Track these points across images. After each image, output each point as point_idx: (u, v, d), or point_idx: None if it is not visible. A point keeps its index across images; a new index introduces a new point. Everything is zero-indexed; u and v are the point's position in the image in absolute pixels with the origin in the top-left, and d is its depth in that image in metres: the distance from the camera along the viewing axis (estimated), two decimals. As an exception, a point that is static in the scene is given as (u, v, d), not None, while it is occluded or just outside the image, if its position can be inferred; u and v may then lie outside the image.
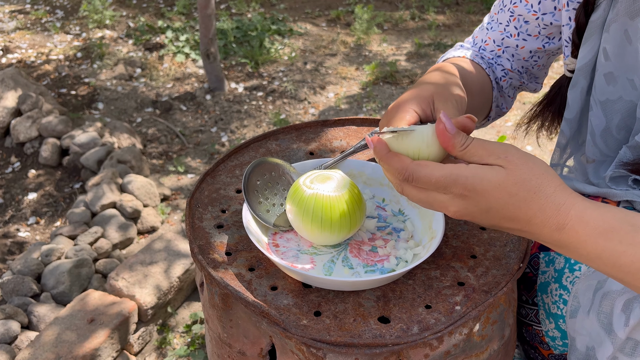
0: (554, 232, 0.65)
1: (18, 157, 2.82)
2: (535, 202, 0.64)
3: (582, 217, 0.64)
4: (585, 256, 0.65)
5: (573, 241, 0.64)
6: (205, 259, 0.84)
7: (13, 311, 1.81)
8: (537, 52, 1.07)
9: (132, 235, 2.26)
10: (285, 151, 1.07)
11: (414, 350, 0.73)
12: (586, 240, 0.64)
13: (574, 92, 0.94)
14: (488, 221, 0.67)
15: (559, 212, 0.64)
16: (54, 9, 4.47)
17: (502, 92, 1.14)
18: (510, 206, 0.65)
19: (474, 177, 0.65)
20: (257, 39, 3.83)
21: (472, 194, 0.65)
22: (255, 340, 0.81)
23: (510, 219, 0.66)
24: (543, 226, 0.65)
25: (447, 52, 1.14)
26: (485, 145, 0.67)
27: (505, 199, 0.65)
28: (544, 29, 1.02)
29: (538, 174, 0.65)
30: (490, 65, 1.11)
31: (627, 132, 0.91)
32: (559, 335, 0.92)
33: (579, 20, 0.90)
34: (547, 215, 0.64)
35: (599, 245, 0.64)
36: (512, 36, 1.06)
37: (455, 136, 0.68)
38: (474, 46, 1.13)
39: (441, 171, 0.66)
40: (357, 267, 0.83)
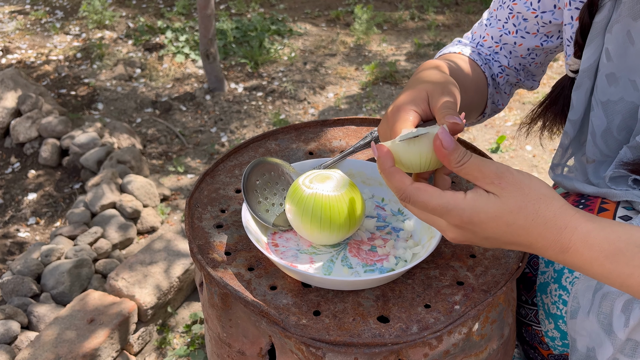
0: (558, 254, 0.65)
1: (18, 158, 2.82)
2: (534, 228, 0.64)
3: (586, 241, 0.64)
4: (592, 275, 0.65)
5: (578, 263, 0.64)
6: (204, 258, 0.84)
7: (13, 311, 1.81)
8: (534, 49, 1.07)
9: (131, 235, 2.26)
10: (284, 151, 1.07)
11: (413, 350, 0.73)
12: (592, 263, 0.64)
13: (578, 94, 0.94)
14: (486, 245, 0.68)
15: (561, 236, 0.64)
16: (53, 9, 4.48)
17: (499, 88, 1.13)
18: (509, 235, 0.65)
19: (470, 209, 0.65)
20: (256, 39, 3.84)
21: (468, 225, 0.66)
22: (254, 340, 0.82)
23: (511, 243, 0.66)
24: (546, 249, 0.65)
25: (444, 48, 1.13)
26: (481, 167, 0.66)
27: (503, 228, 0.65)
28: (542, 26, 1.02)
29: (535, 199, 0.65)
30: (487, 61, 1.11)
31: (628, 133, 0.90)
32: (558, 336, 0.92)
33: (583, 21, 0.90)
34: (548, 241, 0.64)
35: (606, 268, 0.63)
36: (510, 33, 1.06)
37: (452, 152, 0.67)
38: (472, 42, 1.13)
39: (438, 200, 0.66)
40: (357, 266, 0.83)
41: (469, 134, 3.02)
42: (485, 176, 0.66)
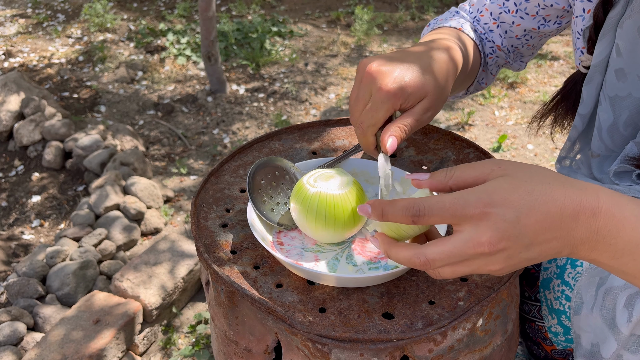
0: (590, 220, 0.58)
1: (21, 161, 2.84)
2: (556, 190, 0.59)
3: (614, 200, 0.59)
4: (622, 248, 0.59)
5: (611, 228, 0.58)
6: (211, 257, 0.85)
7: (19, 313, 1.82)
8: (531, 32, 1.07)
9: (135, 236, 2.27)
10: (288, 151, 1.08)
11: (418, 345, 0.74)
12: (624, 225, 0.58)
13: (589, 88, 0.94)
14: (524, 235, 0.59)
15: (587, 193, 0.59)
16: (55, 12, 4.49)
17: (486, 68, 1.14)
18: (535, 203, 0.59)
19: (486, 191, 0.59)
20: (257, 40, 3.85)
21: (492, 208, 0.58)
22: (261, 337, 0.82)
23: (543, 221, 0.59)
24: (578, 216, 0.58)
25: (442, 16, 1.12)
26: (471, 166, 0.63)
27: (526, 198, 0.59)
28: (542, 9, 1.02)
29: (538, 169, 0.62)
30: (482, 40, 1.11)
31: (634, 129, 0.91)
32: (561, 331, 0.93)
33: (597, 18, 0.90)
34: (577, 202, 0.58)
35: (638, 230, 0.58)
36: (509, 12, 1.05)
37: (435, 176, 0.64)
38: (469, 14, 1.12)
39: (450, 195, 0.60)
40: (361, 264, 0.84)
41: (470, 133, 3.03)
42: (483, 170, 0.62)
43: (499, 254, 0.59)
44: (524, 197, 0.59)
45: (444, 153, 1.05)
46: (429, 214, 0.61)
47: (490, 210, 0.58)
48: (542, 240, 0.59)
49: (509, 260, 0.60)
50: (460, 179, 0.63)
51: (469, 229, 0.59)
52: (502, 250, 0.59)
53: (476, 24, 1.11)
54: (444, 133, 1.10)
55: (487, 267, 0.61)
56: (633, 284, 0.62)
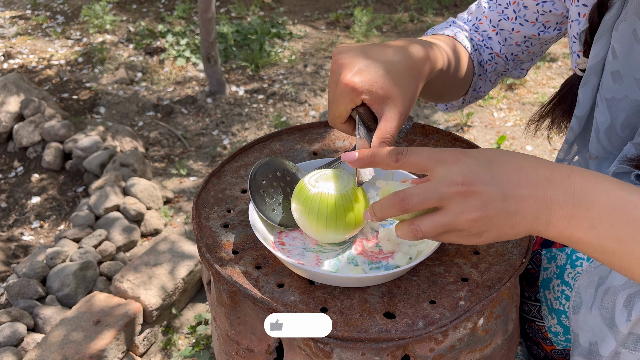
0: (564, 182, 0.61)
1: (21, 162, 2.84)
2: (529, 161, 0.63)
3: (587, 170, 0.62)
4: (598, 212, 0.59)
5: (587, 191, 0.60)
6: (212, 257, 0.85)
7: (19, 314, 1.82)
8: (530, 38, 1.08)
9: (135, 237, 2.28)
10: (289, 151, 1.09)
11: (419, 345, 0.74)
12: (599, 188, 0.60)
13: (585, 90, 0.94)
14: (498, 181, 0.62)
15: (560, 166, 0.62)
16: (54, 14, 4.49)
17: (484, 75, 1.14)
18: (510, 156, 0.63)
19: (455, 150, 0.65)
20: (257, 42, 3.85)
21: (466, 155, 0.64)
22: (262, 337, 0.83)
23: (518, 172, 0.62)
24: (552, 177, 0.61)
25: (438, 26, 1.13)
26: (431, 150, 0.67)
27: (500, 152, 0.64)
28: (542, 15, 1.03)
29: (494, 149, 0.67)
30: (479, 47, 1.11)
31: (632, 131, 0.91)
32: (561, 331, 0.94)
33: (592, 21, 0.91)
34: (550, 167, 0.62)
35: (612, 195, 0.59)
36: (509, 19, 1.06)
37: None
38: (467, 23, 1.13)
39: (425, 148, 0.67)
40: (362, 264, 0.84)
41: (469, 134, 3.03)
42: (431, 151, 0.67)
43: (473, 197, 0.61)
44: (499, 152, 0.64)
45: (444, 154, 1.06)
46: (409, 154, 0.66)
47: (464, 156, 0.63)
48: (517, 194, 0.61)
49: (484, 210, 0.61)
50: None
51: (444, 170, 0.63)
52: (477, 193, 0.61)
53: (474, 32, 1.12)
54: (444, 134, 1.11)
55: (464, 216, 0.62)
56: (612, 266, 0.62)
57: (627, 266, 0.61)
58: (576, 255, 0.90)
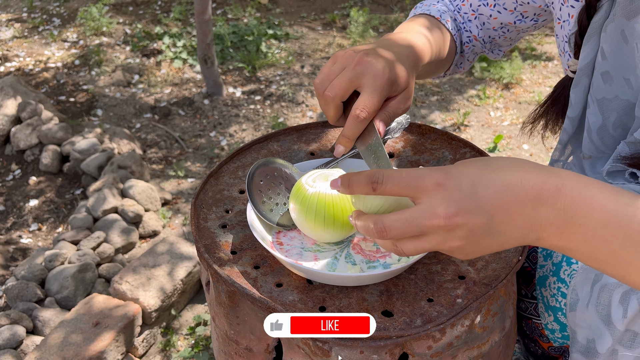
0: (554, 196, 0.57)
1: (19, 165, 2.84)
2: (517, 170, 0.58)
3: (578, 178, 0.58)
4: (592, 228, 0.57)
5: (579, 206, 0.56)
6: (211, 257, 0.86)
7: (18, 316, 1.82)
8: (507, 25, 1.12)
9: (134, 239, 2.28)
10: (286, 152, 1.09)
11: (417, 342, 0.75)
12: (592, 202, 0.56)
13: (576, 91, 0.96)
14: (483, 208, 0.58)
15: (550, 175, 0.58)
16: (50, 17, 4.49)
17: (463, 54, 1.19)
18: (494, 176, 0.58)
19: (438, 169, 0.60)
20: (253, 43, 3.86)
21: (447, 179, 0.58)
22: (261, 337, 0.83)
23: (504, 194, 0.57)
24: (541, 193, 0.57)
25: (426, 1, 1.16)
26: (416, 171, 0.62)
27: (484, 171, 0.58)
28: (520, 5, 1.07)
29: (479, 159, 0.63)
30: (460, 29, 1.15)
31: (624, 130, 0.92)
32: (558, 328, 0.94)
33: (581, 23, 0.92)
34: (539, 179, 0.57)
35: (606, 209, 0.56)
36: (488, 5, 1.10)
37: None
38: (452, 2, 1.16)
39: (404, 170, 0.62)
40: (360, 263, 0.85)
41: (466, 134, 3.04)
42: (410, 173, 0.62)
43: (457, 229, 0.58)
44: (483, 170, 0.58)
45: (441, 153, 1.07)
46: (385, 182, 0.61)
47: (446, 181, 0.58)
48: (504, 217, 0.58)
49: (469, 238, 0.59)
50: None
51: (425, 200, 0.59)
52: (460, 225, 0.58)
53: (456, 12, 1.15)
54: (440, 133, 1.11)
55: (447, 244, 0.60)
56: (606, 272, 0.60)
57: (622, 275, 0.60)
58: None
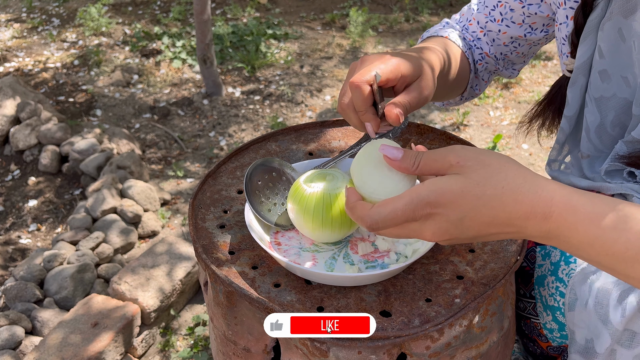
0: (541, 223, 0.61)
1: (18, 165, 2.84)
2: (507, 196, 0.61)
3: (569, 204, 0.60)
4: (576, 246, 0.61)
5: (563, 230, 0.60)
6: (209, 258, 0.86)
7: (17, 317, 1.82)
8: (517, 39, 1.10)
9: (133, 239, 2.28)
10: (284, 152, 1.09)
11: (415, 343, 0.75)
12: (577, 228, 0.59)
13: (573, 90, 0.95)
14: (468, 233, 0.63)
15: (540, 199, 0.60)
16: (49, 17, 4.49)
17: (477, 74, 1.17)
18: (482, 208, 0.61)
19: (433, 192, 0.62)
20: (253, 43, 3.86)
21: (437, 209, 0.62)
22: (259, 337, 0.83)
23: (489, 223, 0.62)
24: (527, 219, 0.61)
25: (432, 28, 1.15)
26: (434, 156, 0.65)
27: (473, 202, 0.61)
28: (528, 17, 1.05)
29: (498, 169, 0.62)
30: (470, 47, 1.13)
31: (622, 129, 0.92)
32: (556, 327, 0.94)
33: (577, 22, 0.91)
34: (526, 206, 0.60)
35: (590, 232, 0.59)
36: (495, 21, 1.08)
37: (403, 160, 0.67)
38: (459, 23, 1.15)
39: (401, 202, 0.64)
40: (358, 263, 0.85)
41: (466, 133, 3.04)
42: (444, 160, 0.64)
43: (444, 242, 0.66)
44: (471, 202, 0.61)
45: (439, 153, 1.06)
46: (383, 227, 0.65)
47: (435, 210, 0.62)
48: (487, 233, 0.64)
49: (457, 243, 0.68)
50: (425, 168, 0.66)
51: (417, 223, 0.65)
52: (445, 240, 0.65)
53: (465, 32, 1.14)
54: (439, 133, 1.11)
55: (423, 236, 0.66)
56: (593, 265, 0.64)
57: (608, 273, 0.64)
58: (565, 251, 0.91)
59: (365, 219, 0.66)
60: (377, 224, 0.65)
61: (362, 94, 0.79)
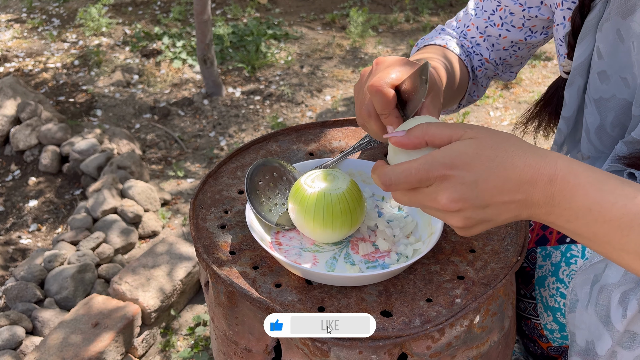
0: (546, 186, 0.62)
1: (18, 165, 2.84)
2: (517, 158, 0.63)
3: (571, 168, 0.62)
4: (575, 212, 0.62)
5: (565, 194, 0.62)
6: (210, 258, 0.86)
7: (17, 317, 1.82)
8: (518, 43, 1.09)
9: (133, 240, 2.28)
10: (285, 152, 1.09)
11: (416, 343, 0.75)
12: (578, 191, 0.62)
13: (570, 91, 0.95)
14: (482, 198, 0.64)
15: (546, 162, 0.62)
16: (50, 17, 4.49)
17: (476, 80, 1.16)
18: (495, 169, 0.63)
19: (448, 155, 0.64)
20: (253, 43, 3.86)
21: (452, 171, 0.63)
22: (260, 337, 0.83)
23: (501, 188, 0.63)
24: (535, 184, 0.62)
25: (428, 35, 1.14)
26: (445, 124, 0.67)
27: (487, 164, 0.63)
28: (528, 20, 1.04)
29: (508, 136, 0.65)
30: (469, 54, 1.12)
31: (622, 129, 0.92)
32: (557, 328, 0.94)
33: (574, 23, 0.91)
34: (534, 170, 0.62)
35: (590, 196, 0.61)
36: (495, 25, 1.07)
37: (412, 132, 0.68)
38: (456, 30, 1.14)
39: (417, 162, 0.65)
40: (359, 263, 0.85)
41: (466, 133, 3.04)
42: (457, 130, 0.66)
43: (455, 214, 0.65)
44: (485, 163, 0.63)
45: (440, 153, 1.06)
46: (396, 183, 0.66)
47: (451, 172, 0.63)
48: (499, 202, 0.64)
49: (467, 220, 0.66)
50: (436, 136, 0.67)
51: (433, 186, 0.65)
52: (458, 210, 0.64)
53: (463, 39, 1.12)
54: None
55: (446, 220, 0.67)
56: (588, 247, 0.66)
57: (604, 252, 0.64)
58: (570, 253, 0.91)
59: (380, 176, 0.67)
60: (390, 181, 0.66)
61: (384, 96, 0.76)
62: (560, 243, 0.93)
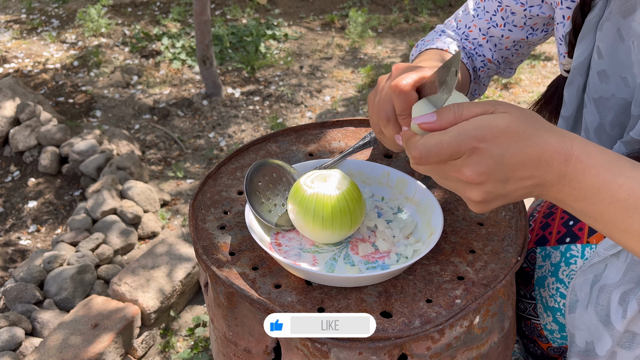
0: (561, 165, 0.64)
1: (17, 166, 2.84)
2: (540, 136, 0.64)
3: (586, 147, 0.64)
4: (584, 192, 0.64)
5: (577, 174, 0.64)
6: (209, 259, 0.86)
7: (17, 318, 1.82)
8: (520, 42, 1.09)
9: (133, 240, 2.28)
10: (285, 153, 1.09)
11: (416, 343, 0.74)
12: (589, 170, 0.63)
13: (570, 90, 0.95)
14: (504, 172, 0.65)
15: (564, 141, 0.64)
16: (49, 18, 4.49)
17: (478, 80, 1.16)
18: (521, 144, 0.64)
19: (480, 127, 0.64)
20: (252, 44, 3.86)
21: (483, 143, 0.64)
22: (260, 338, 0.83)
23: (523, 163, 0.64)
24: (552, 161, 0.64)
25: (428, 37, 1.13)
26: (476, 103, 0.68)
27: (514, 140, 0.64)
28: (529, 19, 1.04)
29: (532, 113, 0.67)
30: (470, 56, 1.12)
31: (621, 129, 0.92)
32: (557, 328, 0.94)
33: (575, 21, 0.91)
34: (554, 147, 0.64)
35: (600, 177, 0.63)
36: (498, 26, 1.07)
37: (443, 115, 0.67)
38: (456, 31, 1.14)
39: (448, 134, 0.65)
40: (359, 263, 0.85)
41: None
42: (487, 106, 0.66)
43: (477, 186, 0.66)
44: (514, 137, 0.64)
45: (439, 153, 1.06)
46: (427, 157, 0.66)
47: (480, 145, 0.64)
48: (518, 177, 0.66)
49: (487, 194, 0.67)
50: (468, 116, 0.67)
51: (461, 158, 0.65)
52: (481, 183, 0.66)
53: (464, 40, 1.12)
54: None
55: (465, 193, 0.68)
56: (592, 226, 0.67)
57: (608, 232, 0.66)
58: (570, 253, 0.91)
59: (411, 150, 0.67)
60: (421, 154, 0.66)
61: (407, 96, 0.75)
62: (560, 243, 0.93)
